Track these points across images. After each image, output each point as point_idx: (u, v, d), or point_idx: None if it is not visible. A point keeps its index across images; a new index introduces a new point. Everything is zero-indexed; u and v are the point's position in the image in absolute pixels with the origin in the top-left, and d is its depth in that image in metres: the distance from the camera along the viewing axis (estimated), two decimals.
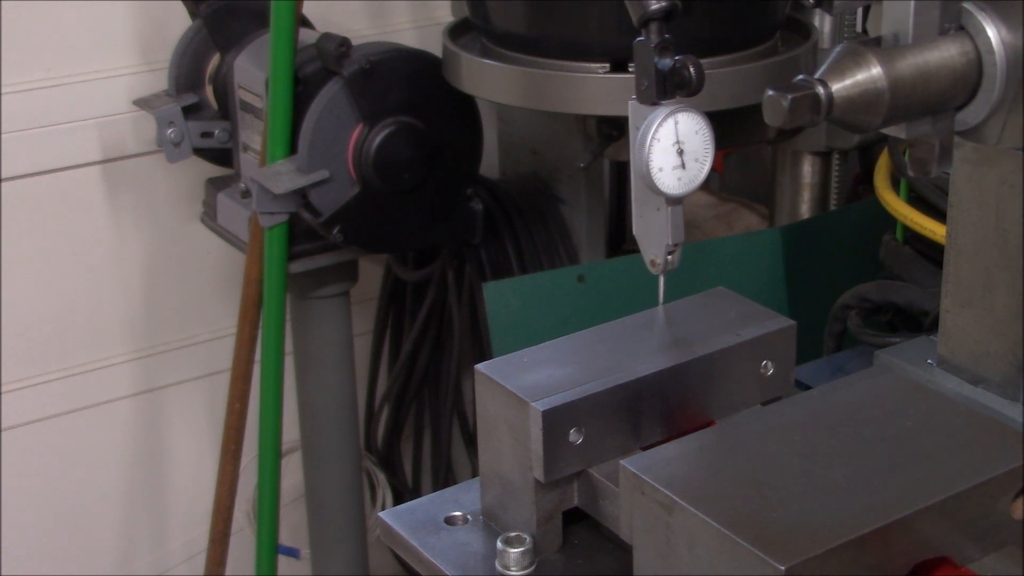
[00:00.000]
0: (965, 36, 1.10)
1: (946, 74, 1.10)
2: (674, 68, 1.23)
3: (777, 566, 0.99)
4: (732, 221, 2.70)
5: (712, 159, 1.28)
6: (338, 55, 2.07)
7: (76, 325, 2.56)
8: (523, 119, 2.47)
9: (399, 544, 1.30)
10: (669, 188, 1.27)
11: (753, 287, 2.00)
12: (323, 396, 2.42)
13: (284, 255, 2.18)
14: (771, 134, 2.23)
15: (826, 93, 1.06)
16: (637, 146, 1.26)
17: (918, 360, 1.40)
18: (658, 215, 1.29)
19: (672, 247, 1.30)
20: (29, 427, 2.55)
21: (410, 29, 2.67)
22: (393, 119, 2.13)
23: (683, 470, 1.13)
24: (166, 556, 2.77)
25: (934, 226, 1.59)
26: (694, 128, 1.27)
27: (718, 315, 1.35)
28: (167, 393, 2.69)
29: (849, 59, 1.07)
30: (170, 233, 2.59)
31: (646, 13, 1.23)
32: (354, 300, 2.43)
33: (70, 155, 2.45)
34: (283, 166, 2.10)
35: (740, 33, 2.02)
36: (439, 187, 2.21)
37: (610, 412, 1.23)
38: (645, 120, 1.25)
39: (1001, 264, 1.30)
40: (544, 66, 2.00)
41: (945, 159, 1.12)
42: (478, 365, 1.27)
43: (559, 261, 2.39)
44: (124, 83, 2.44)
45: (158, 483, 2.74)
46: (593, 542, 1.27)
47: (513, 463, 1.24)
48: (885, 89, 1.07)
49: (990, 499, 1.13)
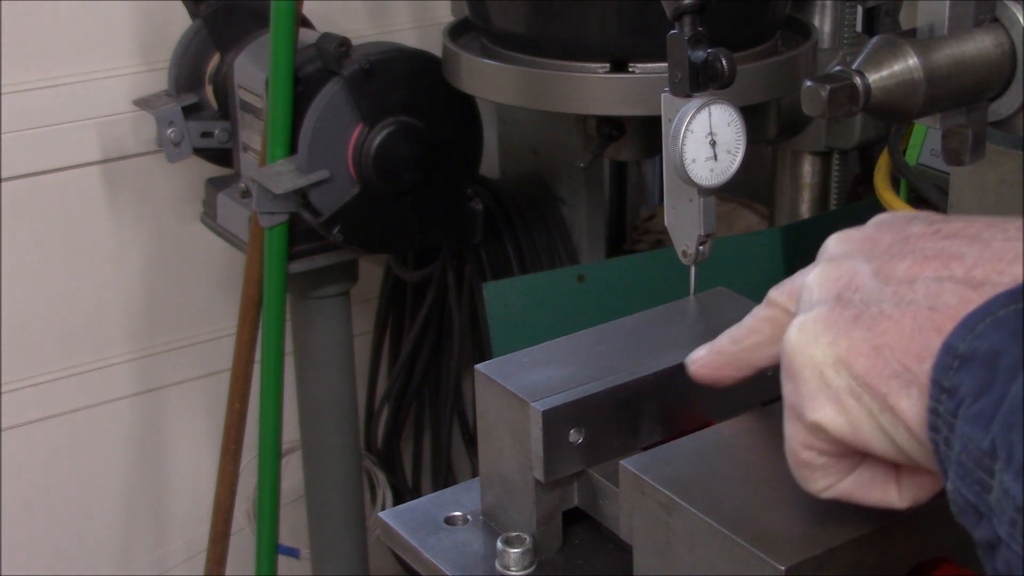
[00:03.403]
0: (999, 28, 1.12)
1: (981, 65, 1.11)
2: (707, 61, 1.24)
3: (777, 566, 0.99)
4: (732, 221, 2.70)
5: (744, 151, 1.29)
6: (338, 55, 2.07)
7: (76, 325, 2.56)
8: (523, 119, 2.47)
9: (399, 544, 1.30)
10: (702, 179, 1.28)
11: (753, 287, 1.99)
12: (323, 396, 2.42)
13: (284, 255, 2.18)
14: (771, 134, 2.23)
15: (863, 84, 1.07)
16: (671, 138, 1.27)
17: None
18: (690, 206, 1.31)
19: (704, 237, 1.31)
20: (29, 427, 2.55)
21: (410, 29, 2.67)
22: (393, 119, 2.13)
23: (683, 470, 1.13)
24: (166, 556, 2.77)
25: None
26: (726, 120, 1.27)
27: (718, 315, 1.35)
28: (167, 393, 2.69)
29: (886, 50, 1.08)
30: (170, 233, 2.59)
31: (680, 6, 1.24)
32: (354, 300, 2.43)
33: (70, 155, 2.45)
34: (283, 166, 2.10)
35: (740, 33, 2.02)
36: (439, 187, 2.21)
37: (610, 412, 1.23)
38: (678, 112, 1.26)
39: None
40: (544, 66, 2.00)
41: (979, 150, 1.14)
42: (478, 365, 1.27)
43: (559, 261, 2.39)
44: (124, 83, 2.44)
45: (158, 483, 2.74)
46: (593, 542, 1.27)
47: (513, 463, 1.23)
48: (922, 80, 1.08)
49: None
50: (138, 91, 2.41)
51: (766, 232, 2.22)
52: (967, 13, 1.11)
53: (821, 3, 2.22)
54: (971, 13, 1.11)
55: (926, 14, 1.12)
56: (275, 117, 2.09)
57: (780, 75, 2.01)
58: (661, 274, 2.01)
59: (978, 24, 1.12)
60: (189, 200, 2.54)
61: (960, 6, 1.11)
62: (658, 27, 1.45)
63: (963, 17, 1.11)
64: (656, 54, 1.91)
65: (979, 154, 1.14)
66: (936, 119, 1.14)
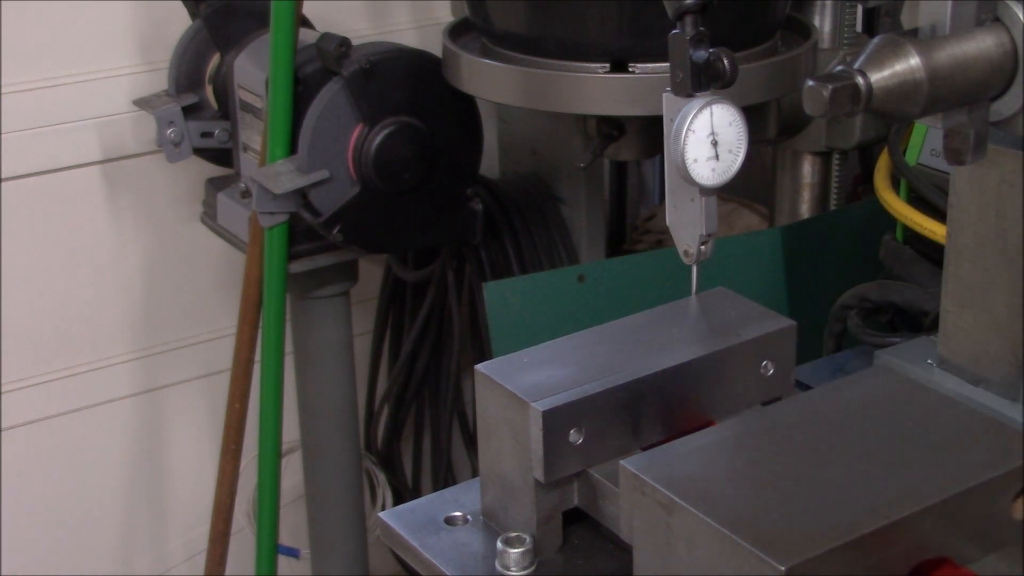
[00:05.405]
0: (1001, 28, 1.12)
1: (983, 65, 1.11)
2: (708, 60, 1.24)
3: (777, 566, 0.99)
4: (732, 221, 2.70)
5: (746, 151, 1.29)
6: (338, 55, 2.07)
7: (76, 325, 2.56)
8: (523, 119, 2.47)
9: (399, 544, 1.30)
10: (704, 179, 1.29)
11: (753, 287, 2.00)
12: (323, 396, 2.42)
13: (284, 255, 2.18)
14: (771, 134, 2.23)
15: (865, 83, 1.08)
16: (672, 137, 1.27)
17: (918, 360, 1.40)
18: (692, 206, 1.31)
19: (705, 237, 1.32)
20: (29, 427, 2.55)
21: (410, 29, 2.67)
22: (393, 119, 2.13)
23: (683, 470, 1.13)
24: (166, 556, 2.77)
25: (934, 226, 1.59)
26: (728, 120, 1.28)
27: (718, 315, 1.35)
28: (167, 393, 2.69)
29: (888, 49, 1.09)
30: (170, 233, 2.59)
31: (682, 6, 1.24)
32: (354, 300, 2.43)
33: (70, 155, 2.45)
34: (283, 166, 2.10)
35: (740, 33, 2.01)
36: (439, 187, 2.21)
37: (610, 412, 1.23)
38: (680, 112, 1.26)
39: (1001, 264, 1.31)
40: (544, 66, 2.00)
41: (980, 149, 1.14)
42: (478, 365, 1.27)
43: (559, 261, 2.39)
44: (124, 83, 2.44)
45: (158, 483, 2.74)
46: (593, 542, 1.27)
47: (513, 463, 1.24)
48: (924, 79, 1.08)
49: (990, 499, 1.13)
50: (138, 91, 2.41)
51: (766, 232, 2.22)
52: (969, 13, 1.11)
53: (821, 3, 2.22)
54: (973, 13, 1.12)
55: (928, 14, 1.12)
56: (275, 117, 2.09)
57: (780, 75, 2.01)
58: (661, 274, 2.01)
59: (980, 24, 1.12)
60: (189, 200, 2.54)
61: (962, 6, 1.11)
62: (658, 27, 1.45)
63: (965, 17, 1.11)
64: (656, 54, 1.91)
65: (980, 154, 1.14)
66: (938, 119, 1.14)
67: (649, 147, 2.18)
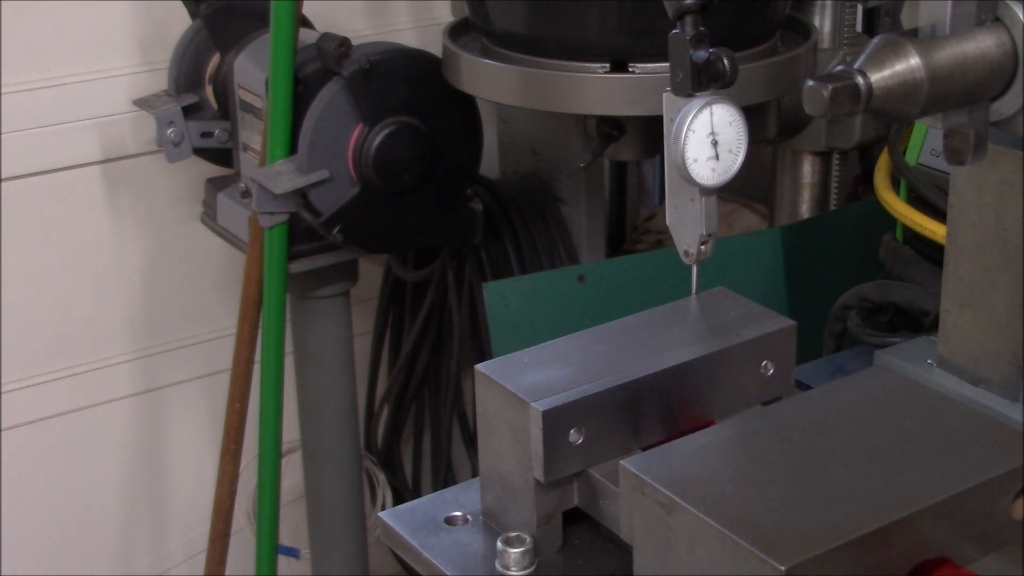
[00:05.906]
0: (1001, 27, 1.12)
1: (983, 65, 1.11)
2: (709, 60, 1.24)
3: (777, 566, 0.99)
4: (732, 221, 2.70)
5: (746, 150, 1.29)
6: (338, 55, 2.07)
7: (76, 325, 2.56)
8: (523, 119, 2.47)
9: (399, 544, 1.30)
10: (704, 179, 1.29)
11: (753, 287, 2.00)
12: (323, 396, 2.42)
13: (284, 255, 2.18)
14: (771, 134, 2.23)
15: (865, 83, 1.08)
16: (672, 137, 1.27)
17: (918, 360, 1.40)
18: (692, 206, 1.31)
19: (705, 237, 1.32)
20: (29, 427, 2.55)
21: (410, 29, 2.67)
22: (393, 119, 2.13)
23: (683, 470, 1.13)
24: (166, 556, 2.77)
25: (934, 226, 1.59)
26: (728, 119, 1.28)
27: (718, 315, 1.35)
28: (167, 393, 2.69)
29: (888, 49, 1.09)
30: (170, 233, 2.59)
31: (682, 6, 1.24)
32: (354, 300, 2.43)
33: (70, 155, 2.45)
34: (283, 166, 2.10)
35: (740, 33, 2.02)
36: (439, 187, 2.21)
37: (610, 412, 1.23)
38: (680, 112, 1.26)
39: (1001, 264, 1.31)
40: (544, 66, 2.00)
41: (980, 149, 1.14)
42: (478, 365, 1.27)
43: (559, 261, 2.39)
44: (124, 83, 2.44)
45: (158, 483, 2.74)
46: (593, 542, 1.27)
47: (513, 463, 1.24)
48: (924, 79, 1.08)
49: (990, 499, 1.13)
50: (138, 91, 2.41)
51: (766, 232, 2.22)
52: (969, 13, 1.11)
53: (821, 3, 2.22)
54: (973, 13, 1.12)
55: (928, 14, 1.12)
56: (275, 117, 2.09)
57: (780, 75, 2.01)
58: (661, 274, 2.01)
59: (980, 24, 1.12)
60: (189, 200, 2.54)
61: (962, 6, 1.11)
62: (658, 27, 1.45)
63: (965, 17, 1.11)
64: (656, 54, 1.91)
65: (981, 154, 1.14)
66: (938, 119, 1.14)
67: (649, 147, 2.18)
